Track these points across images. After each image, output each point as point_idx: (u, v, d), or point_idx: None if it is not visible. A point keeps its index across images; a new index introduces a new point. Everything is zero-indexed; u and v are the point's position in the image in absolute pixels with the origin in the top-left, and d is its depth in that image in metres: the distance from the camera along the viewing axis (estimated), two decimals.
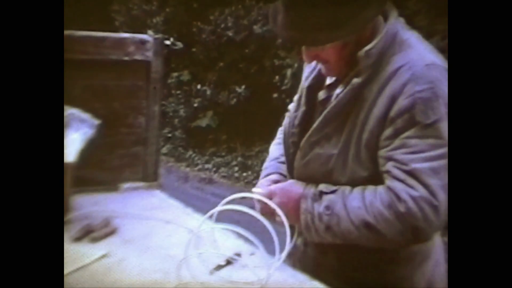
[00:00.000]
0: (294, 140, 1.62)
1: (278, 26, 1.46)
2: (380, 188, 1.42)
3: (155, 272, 1.47)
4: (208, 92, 8.47)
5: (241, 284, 1.41)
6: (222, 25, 8.41)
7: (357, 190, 1.44)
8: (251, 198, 1.55)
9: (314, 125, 1.52)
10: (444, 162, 1.36)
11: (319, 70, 1.60)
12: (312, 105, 1.60)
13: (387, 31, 1.45)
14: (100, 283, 1.40)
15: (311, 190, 1.48)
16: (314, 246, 1.61)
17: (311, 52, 1.49)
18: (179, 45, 8.83)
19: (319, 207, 1.45)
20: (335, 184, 1.48)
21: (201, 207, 2.04)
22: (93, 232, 1.68)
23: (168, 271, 1.47)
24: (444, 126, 1.38)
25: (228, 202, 1.46)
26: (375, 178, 1.45)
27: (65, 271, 1.42)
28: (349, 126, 1.47)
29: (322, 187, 1.48)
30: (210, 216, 1.49)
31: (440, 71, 1.41)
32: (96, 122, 1.93)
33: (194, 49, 8.92)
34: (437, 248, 1.60)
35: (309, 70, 1.64)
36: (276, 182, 1.63)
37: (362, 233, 1.41)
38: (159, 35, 2.33)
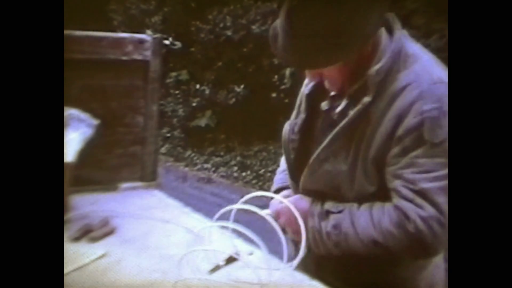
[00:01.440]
0: (294, 146, 1.63)
1: (278, 49, 1.45)
2: (388, 206, 1.42)
3: (154, 272, 1.47)
4: (207, 91, 8.47)
5: (241, 284, 1.40)
6: (221, 25, 8.41)
7: (364, 207, 1.45)
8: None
9: (324, 143, 1.51)
10: None
11: (319, 81, 1.60)
12: (311, 113, 1.61)
13: (393, 48, 1.45)
14: (98, 283, 1.40)
15: (317, 207, 1.50)
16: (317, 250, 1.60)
17: (314, 72, 1.50)
18: (178, 44, 8.83)
19: (327, 226, 1.47)
20: (342, 198, 1.49)
21: (200, 206, 2.05)
22: (92, 232, 1.68)
23: (167, 270, 1.47)
24: None
25: (228, 212, 1.50)
26: (382, 193, 1.46)
27: (64, 271, 1.43)
28: (356, 143, 1.47)
29: (329, 206, 1.49)
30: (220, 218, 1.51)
31: (447, 88, 1.40)
32: (95, 122, 1.93)
33: (192, 49, 8.91)
34: None
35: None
36: (287, 196, 1.63)
37: (370, 250, 1.43)
38: (158, 35, 2.33)
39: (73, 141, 1.80)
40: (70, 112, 1.86)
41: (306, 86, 1.63)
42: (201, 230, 1.53)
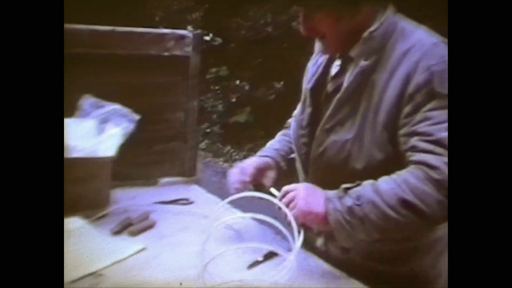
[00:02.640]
0: (304, 141, 1.62)
1: None
2: (409, 168, 1.39)
3: (190, 268, 1.47)
4: (246, 87, 8.48)
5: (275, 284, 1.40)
6: (261, 21, 8.40)
7: (384, 177, 1.41)
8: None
9: (327, 112, 1.53)
10: None
11: (320, 72, 1.63)
12: (317, 105, 1.61)
13: (387, 17, 1.48)
14: (136, 278, 1.41)
15: (332, 192, 1.45)
16: (335, 245, 1.59)
17: (309, 23, 1.50)
18: (219, 40, 8.86)
19: (349, 201, 1.40)
20: (351, 173, 1.46)
21: (239, 203, 2.04)
22: (132, 226, 1.70)
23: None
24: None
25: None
26: (392, 161, 1.43)
27: (104, 264, 1.45)
28: (363, 110, 1.47)
29: (344, 185, 1.43)
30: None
31: (446, 49, 1.43)
32: (136, 117, 1.95)
33: (232, 45, 8.94)
34: None
35: (311, 73, 1.67)
36: (262, 169, 1.72)
37: (400, 214, 1.35)
38: (199, 31, 2.34)
39: (115, 136, 1.82)
40: (113, 107, 1.88)
41: (309, 81, 1.65)
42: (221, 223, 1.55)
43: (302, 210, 1.44)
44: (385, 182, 1.39)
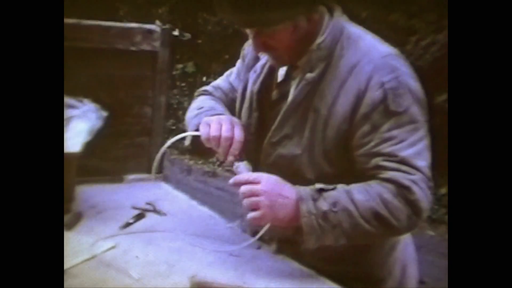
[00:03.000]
0: (252, 147, 1.58)
1: (225, 8, 1.41)
2: (379, 181, 1.40)
3: (160, 264, 1.45)
4: None
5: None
6: None
7: (357, 185, 1.41)
8: None
9: (273, 126, 1.51)
10: (424, 143, 1.42)
11: (266, 74, 1.59)
12: (264, 109, 1.58)
13: (333, 25, 1.47)
14: (104, 274, 1.38)
15: (306, 190, 1.41)
16: (288, 251, 1.57)
17: (261, 38, 1.45)
18: (187, 36, 8.79)
19: (324, 205, 1.38)
20: (303, 182, 1.45)
21: (205, 200, 2.03)
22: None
23: (173, 263, 1.46)
24: (415, 109, 1.41)
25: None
26: (344, 174, 1.44)
27: (73, 262, 1.41)
28: (311, 123, 1.46)
29: (318, 185, 1.41)
30: None
31: (397, 60, 1.45)
32: (104, 113, 1.91)
33: (199, 41, 8.89)
34: None
35: (254, 75, 1.62)
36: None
37: (372, 226, 1.38)
38: (167, 25, 2.31)
39: (82, 132, 1.78)
40: (79, 102, 1.84)
41: (254, 84, 1.60)
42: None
43: (268, 217, 1.40)
44: (359, 192, 1.39)
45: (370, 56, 1.43)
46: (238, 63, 1.75)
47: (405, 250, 1.65)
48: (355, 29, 1.50)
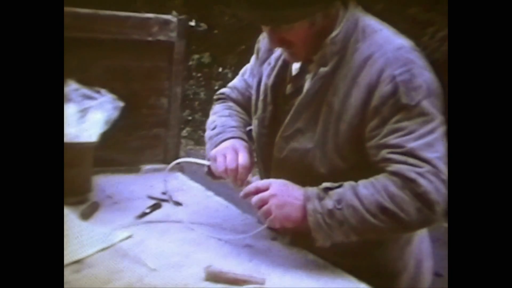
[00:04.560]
0: (266, 141, 1.59)
1: (241, 5, 1.40)
2: (386, 174, 1.39)
3: (175, 255, 1.46)
4: (229, 74, 8.44)
5: None
6: None
7: (365, 180, 1.41)
8: None
9: (286, 120, 1.51)
10: (436, 135, 1.39)
11: (280, 67, 1.58)
12: (278, 103, 1.58)
13: (348, 18, 1.45)
14: (119, 264, 1.39)
15: (313, 190, 1.42)
16: (301, 244, 1.56)
17: (277, 34, 1.44)
18: (204, 26, 8.80)
19: (329, 204, 1.38)
20: (316, 176, 1.45)
21: (220, 191, 2.03)
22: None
23: (188, 254, 1.47)
24: (428, 103, 1.39)
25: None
26: (357, 169, 1.43)
27: (89, 252, 1.43)
28: (324, 117, 1.45)
29: (325, 184, 1.42)
30: None
31: (410, 52, 1.43)
32: (121, 104, 1.91)
33: (216, 31, 8.88)
34: None
35: (268, 68, 1.61)
36: (235, 150, 1.57)
37: (379, 220, 1.37)
38: (183, 16, 2.30)
39: (98, 123, 1.79)
40: (96, 92, 1.85)
41: (269, 77, 1.59)
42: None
43: (279, 219, 1.42)
44: (365, 187, 1.38)
45: (383, 49, 1.42)
46: (252, 59, 1.75)
47: (421, 245, 1.64)
48: (370, 22, 1.49)
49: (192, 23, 8.50)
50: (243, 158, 1.55)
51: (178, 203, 1.78)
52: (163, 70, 2.25)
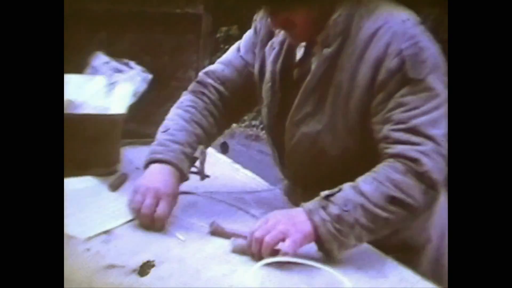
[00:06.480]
0: (277, 128, 1.57)
1: None
2: (386, 162, 1.37)
3: (203, 226, 1.47)
4: None
5: None
6: None
7: (363, 176, 1.36)
8: None
9: (294, 104, 1.49)
10: (440, 112, 1.36)
11: (286, 51, 1.55)
12: (286, 89, 1.55)
13: None
14: (146, 236, 1.41)
15: (312, 203, 1.35)
16: None
17: (281, 15, 1.42)
18: None
19: (334, 209, 1.31)
20: (329, 161, 1.44)
21: (247, 164, 2.04)
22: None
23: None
24: (434, 77, 1.37)
25: None
26: (369, 149, 1.41)
27: (117, 223, 1.45)
28: (332, 98, 1.44)
29: (324, 193, 1.35)
30: None
31: (416, 25, 1.41)
32: (149, 76, 1.92)
33: (243, 3, 8.82)
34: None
35: (273, 53, 1.57)
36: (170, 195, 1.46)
37: (389, 212, 1.33)
38: None
39: (127, 95, 1.80)
40: (125, 65, 1.86)
41: (275, 63, 1.56)
42: None
43: (295, 239, 1.30)
44: (366, 183, 1.34)
45: (390, 23, 1.40)
46: (249, 35, 1.72)
47: (443, 215, 1.60)
48: None
49: None
50: (161, 209, 1.43)
51: (206, 175, 1.78)
52: (191, 43, 2.25)
